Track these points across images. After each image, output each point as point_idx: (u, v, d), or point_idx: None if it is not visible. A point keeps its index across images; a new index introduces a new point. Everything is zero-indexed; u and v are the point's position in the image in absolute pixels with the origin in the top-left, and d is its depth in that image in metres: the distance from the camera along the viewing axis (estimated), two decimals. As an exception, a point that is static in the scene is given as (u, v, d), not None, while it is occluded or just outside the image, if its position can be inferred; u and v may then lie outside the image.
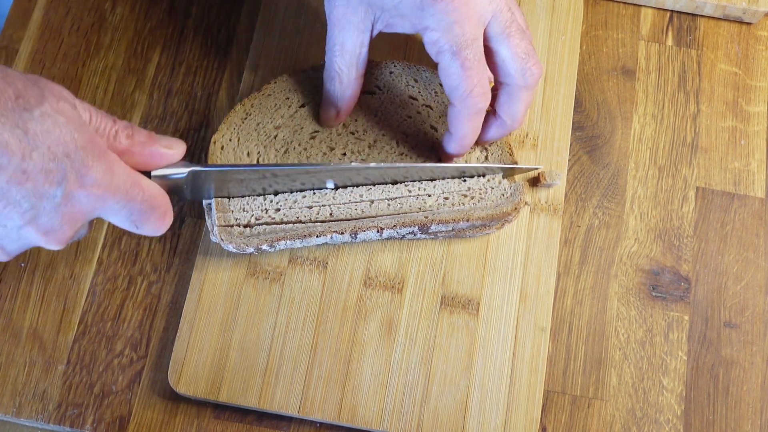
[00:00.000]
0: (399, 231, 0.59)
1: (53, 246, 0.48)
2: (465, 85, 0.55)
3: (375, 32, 0.58)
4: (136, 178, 0.49)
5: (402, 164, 0.60)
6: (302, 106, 0.63)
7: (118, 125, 0.50)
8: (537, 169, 0.62)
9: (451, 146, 0.60)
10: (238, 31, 0.69)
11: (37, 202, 0.45)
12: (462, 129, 0.58)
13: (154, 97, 0.67)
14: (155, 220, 0.51)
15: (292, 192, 0.60)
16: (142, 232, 0.51)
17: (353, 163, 0.59)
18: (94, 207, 0.47)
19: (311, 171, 0.58)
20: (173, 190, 0.54)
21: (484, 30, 0.55)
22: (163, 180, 0.53)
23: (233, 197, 0.60)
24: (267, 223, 0.59)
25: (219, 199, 0.59)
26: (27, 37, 0.68)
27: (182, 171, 0.54)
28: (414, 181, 0.61)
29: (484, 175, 0.62)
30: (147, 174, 0.52)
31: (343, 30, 0.57)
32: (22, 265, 0.62)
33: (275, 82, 0.64)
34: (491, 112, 0.60)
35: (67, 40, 0.68)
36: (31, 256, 0.62)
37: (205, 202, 0.60)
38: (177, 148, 0.53)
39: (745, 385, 0.62)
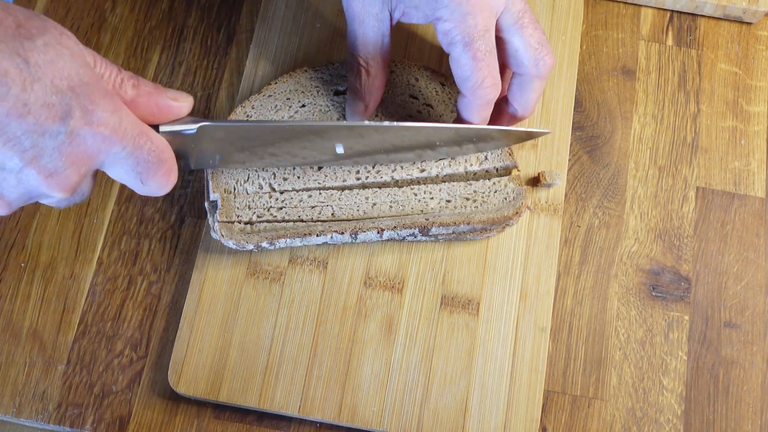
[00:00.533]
0: (399, 233, 0.59)
1: (57, 194, 0.45)
2: (476, 77, 0.55)
3: (394, 21, 0.58)
4: (143, 128, 0.47)
5: (415, 123, 0.58)
6: (303, 106, 0.63)
7: (124, 74, 0.47)
8: (547, 132, 0.62)
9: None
10: (238, 31, 0.69)
11: (39, 139, 0.42)
12: (471, 119, 0.58)
13: (154, 97, 0.67)
14: (162, 175, 0.48)
15: (299, 165, 0.60)
16: (145, 190, 0.49)
17: (366, 122, 0.58)
18: (99, 149, 0.44)
19: (320, 130, 0.57)
20: (180, 150, 0.52)
21: (497, 21, 0.56)
22: (171, 136, 0.50)
23: (238, 166, 0.58)
24: (268, 221, 0.59)
25: (225, 195, 0.59)
26: (27, 37, 0.68)
27: (192, 127, 0.51)
28: (423, 148, 0.60)
29: (489, 179, 0.62)
30: (154, 128, 0.50)
31: (363, 23, 0.58)
32: (22, 265, 0.62)
33: (276, 83, 0.64)
34: (503, 100, 0.60)
35: (67, 40, 0.68)
36: (31, 256, 0.62)
37: (206, 203, 0.60)
38: (184, 101, 0.51)
39: (745, 385, 0.62)
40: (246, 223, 0.59)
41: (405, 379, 0.59)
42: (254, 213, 0.59)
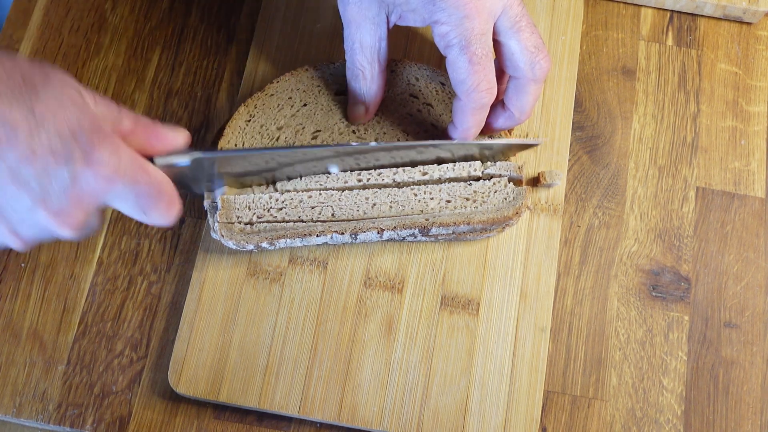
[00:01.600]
0: (399, 233, 0.59)
1: (66, 231, 0.48)
2: (471, 80, 0.55)
3: (391, 25, 0.59)
4: (141, 162, 0.49)
5: (402, 143, 0.59)
6: (304, 105, 0.63)
7: (122, 111, 0.50)
8: (537, 144, 0.63)
9: (454, 137, 0.60)
10: (238, 31, 0.69)
11: (46, 181, 0.45)
12: (466, 122, 0.58)
13: (154, 97, 0.67)
14: (163, 207, 0.50)
15: (296, 178, 0.61)
16: (151, 221, 0.51)
17: (353, 143, 0.59)
18: (101, 189, 0.47)
19: (310, 155, 0.58)
20: (178, 180, 0.54)
21: (494, 24, 0.56)
22: (166, 169, 0.52)
23: (240, 187, 0.60)
24: (268, 221, 0.59)
25: (224, 197, 0.59)
26: (27, 37, 0.68)
27: (185, 158, 0.53)
28: (414, 164, 0.61)
29: (490, 178, 0.62)
30: (150, 161, 0.52)
31: (360, 27, 0.58)
32: (23, 265, 0.62)
33: (278, 81, 0.64)
34: (500, 103, 0.60)
35: (67, 40, 0.68)
36: (31, 256, 0.62)
37: (206, 203, 0.60)
38: (180, 132, 0.53)
39: (745, 385, 0.62)
40: (246, 224, 0.59)
41: (405, 379, 0.59)
42: (254, 213, 0.59)
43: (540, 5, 0.69)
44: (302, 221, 0.59)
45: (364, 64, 0.60)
